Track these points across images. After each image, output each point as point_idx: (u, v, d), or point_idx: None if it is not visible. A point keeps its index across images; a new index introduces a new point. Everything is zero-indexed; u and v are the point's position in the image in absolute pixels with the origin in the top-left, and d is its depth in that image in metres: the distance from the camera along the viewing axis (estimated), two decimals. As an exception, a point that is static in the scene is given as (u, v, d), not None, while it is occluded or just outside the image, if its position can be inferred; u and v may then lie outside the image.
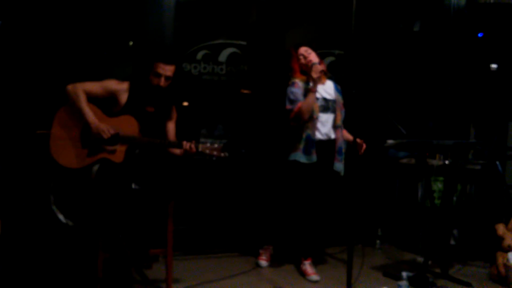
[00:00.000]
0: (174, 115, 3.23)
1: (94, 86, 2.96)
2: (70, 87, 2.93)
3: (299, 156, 3.41)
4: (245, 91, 4.36)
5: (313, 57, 3.48)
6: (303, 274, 3.52)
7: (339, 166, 3.51)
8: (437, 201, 3.91)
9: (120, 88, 3.00)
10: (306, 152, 3.40)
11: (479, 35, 4.74)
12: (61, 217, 3.19)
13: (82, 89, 2.91)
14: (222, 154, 2.93)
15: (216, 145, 2.93)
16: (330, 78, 3.64)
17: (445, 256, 3.68)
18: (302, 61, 3.49)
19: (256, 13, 4.39)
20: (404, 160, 4.35)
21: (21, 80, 3.48)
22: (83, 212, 3.24)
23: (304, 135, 3.41)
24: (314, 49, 3.55)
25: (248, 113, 4.26)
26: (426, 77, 4.82)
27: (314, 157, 3.40)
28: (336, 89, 3.61)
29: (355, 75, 4.04)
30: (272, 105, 4.11)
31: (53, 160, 2.90)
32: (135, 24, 3.86)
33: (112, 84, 3.00)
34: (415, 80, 4.80)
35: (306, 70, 3.45)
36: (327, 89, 3.54)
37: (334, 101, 3.53)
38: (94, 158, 2.92)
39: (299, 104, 3.37)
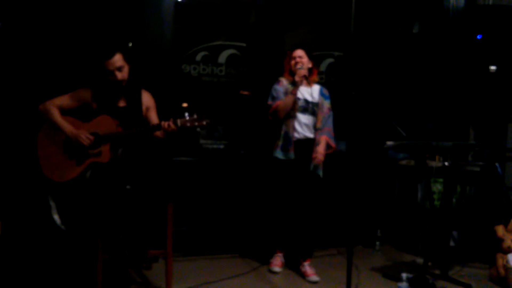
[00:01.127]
0: (151, 101, 3.18)
1: (64, 99, 3.01)
2: (41, 106, 2.98)
3: (278, 153, 3.55)
4: (245, 93, 4.36)
5: (305, 61, 3.57)
6: (302, 275, 3.51)
7: (315, 167, 3.56)
8: (436, 203, 3.90)
9: (87, 95, 3.02)
10: (284, 149, 3.53)
11: (478, 37, 4.75)
12: (59, 223, 3.19)
13: (53, 105, 2.97)
14: (204, 122, 2.88)
15: (194, 116, 2.89)
16: (319, 82, 3.75)
17: (445, 257, 3.68)
18: (292, 63, 3.59)
19: (256, 15, 4.40)
20: (404, 162, 4.35)
21: (18, 83, 3.48)
22: (81, 217, 3.24)
23: (282, 132, 3.55)
24: (310, 52, 3.63)
25: (248, 114, 4.26)
26: (425, 79, 4.82)
27: (291, 154, 3.52)
28: (322, 93, 3.67)
29: (355, 77, 4.07)
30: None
31: (47, 179, 2.95)
32: (135, 26, 3.86)
33: (81, 92, 3.03)
34: (414, 81, 4.81)
35: (293, 72, 3.57)
36: (311, 92, 3.62)
37: (316, 104, 3.61)
38: (83, 165, 2.95)
39: (278, 102, 3.52)
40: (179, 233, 3.58)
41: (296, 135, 3.55)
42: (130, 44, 3.92)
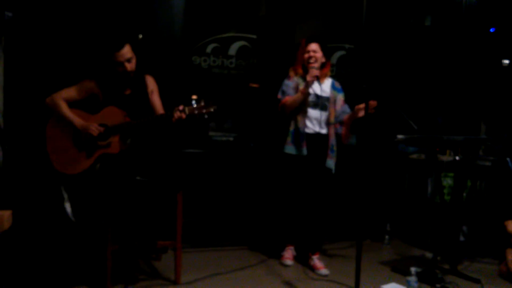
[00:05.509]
0: (153, 86, 3.18)
1: (71, 91, 3.00)
2: (48, 99, 2.98)
3: (289, 148, 3.51)
4: (254, 85, 4.35)
5: (319, 56, 3.51)
6: (312, 268, 3.51)
7: (330, 163, 3.55)
8: (446, 197, 3.88)
9: (93, 85, 3.02)
10: (295, 144, 3.50)
11: (491, 30, 4.70)
12: (70, 213, 3.21)
13: (60, 98, 2.96)
14: (212, 109, 2.88)
15: (202, 103, 2.89)
16: (331, 76, 3.71)
17: (454, 252, 3.67)
18: (306, 56, 3.52)
19: (266, 7, 4.38)
20: (414, 156, 4.34)
21: (32, 73, 3.50)
22: (92, 207, 3.26)
23: (291, 128, 3.52)
24: (325, 45, 3.57)
25: (258, 107, 4.26)
26: (436, 72, 4.78)
27: (304, 150, 3.47)
28: (334, 87, 3.64)
29: (365, 69, 4.05)
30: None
31: (58, 172, 2.96)
32: (145, 17, 3.86)
33: (86, 83, 3.03)
34: (426, 75, 4.77)
35: (306, 66, 3.53)
36: (323, 87, 3.58)
37: (327, 99, 3.57)
38: (93, 157, 2.96)
39: (286, 98, 3.51)
40: (188, 224, 3.59)
41: (307, 130, 3.51)
42: (140, 36, 3.92)
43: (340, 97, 3.63)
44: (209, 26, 4.18)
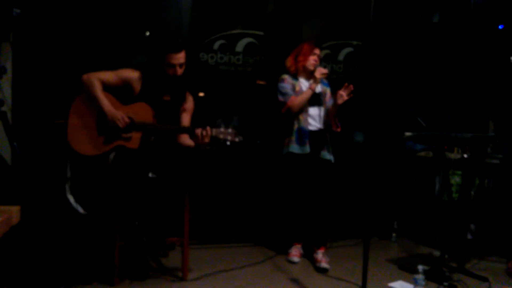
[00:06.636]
0: (190, 105, 3.22)
1: (109, 75, 2.99)
2: (85, 76, 2.95)
3: (293, 148, 3.56)
4: (261, 82, 4.35)
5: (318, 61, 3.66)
6: (314, 262, 3.52)
7: (325, 154, 3.63)
8: (454, 195, 3.86)
9: (134, 76, 3.02)
10: (300, 142, 3.56)
11: (500, 27, 4.67)
12: (74, 204, 3.21)
13: (97, 78, 2.94)
14: (237, 139, 2.89)
15: (229, 130, 2.89)
16: (338, 72, 3.79)
17: (462, 250, 3.65)
18: (312, 59, 3.61)
19: (274, 3, 4.37)
20: (422, 153, 4.32)
21: (39, 69, 3.51)
22: (100, 199, 3.27)
23: (295, 128, 3.58)
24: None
25: (265, 104, 4.25)
26: (445, 69, 4.76)
27: (307, 148, 3.55)
28: (322, 82, 3.73)
29: (373, 66, 4.03)
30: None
31: (70, 148, 2.93)
32: (152, 14, 3.86)
33: (126, 73, 3.02)
34: (434, 72, 4.75)
35: (308, 67, 3.60)
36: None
37: (321, 94, 3.66)
38: (110, 145, 2.94)
39: (292, 98, 3.54)
40: (195, 221, 3.60)
41: (310, 127, 3.59)
42: (148, 33, 3.92)
43: (328, 90, 3.73)
44: (217, 23, 4.18)
